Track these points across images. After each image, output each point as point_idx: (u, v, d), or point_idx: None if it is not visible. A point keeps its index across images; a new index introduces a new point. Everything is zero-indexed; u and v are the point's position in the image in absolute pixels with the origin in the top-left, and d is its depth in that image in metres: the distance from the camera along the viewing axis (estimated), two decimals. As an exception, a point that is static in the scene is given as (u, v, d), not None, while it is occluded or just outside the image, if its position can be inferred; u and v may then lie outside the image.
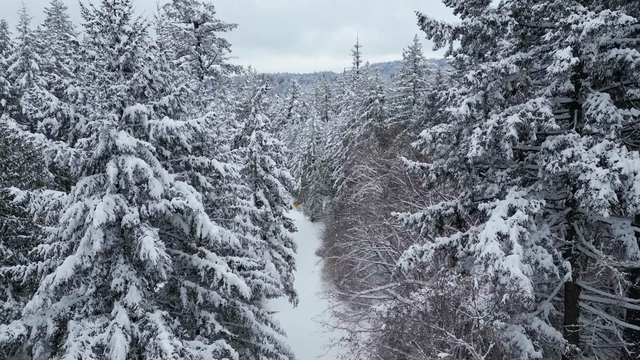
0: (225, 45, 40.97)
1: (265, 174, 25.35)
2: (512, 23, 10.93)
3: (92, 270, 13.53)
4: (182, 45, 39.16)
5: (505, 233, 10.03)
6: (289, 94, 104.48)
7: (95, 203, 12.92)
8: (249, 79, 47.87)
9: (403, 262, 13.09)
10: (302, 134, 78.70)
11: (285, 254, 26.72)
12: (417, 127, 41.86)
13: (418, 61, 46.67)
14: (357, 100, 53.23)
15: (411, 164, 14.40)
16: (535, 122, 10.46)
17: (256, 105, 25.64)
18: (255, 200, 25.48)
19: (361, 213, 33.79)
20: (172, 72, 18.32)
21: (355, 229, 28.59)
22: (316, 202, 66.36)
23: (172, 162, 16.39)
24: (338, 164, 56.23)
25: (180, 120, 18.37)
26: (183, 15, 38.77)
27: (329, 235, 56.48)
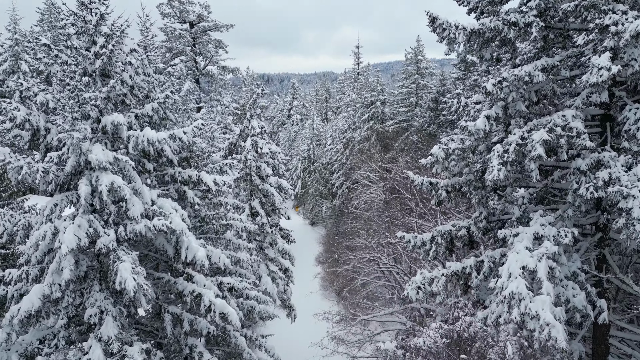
0: (221, 46, 39.55)
1: (261, 183, 23.91)
2: (537, 24, 9.47)
3: (63, 300, 12.09)
4: (176, 46, 37.74)
5: (532, 268, 8.59)
6: (288, 95, 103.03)
7: (66, 225, 11.49)
8: (247, 80, 46.42)
9: (410, 292, 11.65)
10: (302, 135, 77.22)
11: (283, 266, 25.27)
12: (420, 130, 40.41)
13: (420, 62, 45.20)
14: (358, 103, 51.78)
15: (418, 180, 12.95)
16: (566, 139, 9.00)
17: (251, 110, 24.20)
18: (251, 211, 24.05)
19: (363, 220, 32.37)
20: (157, 77, 16.87)
21: (357, 240, 27.17)
22: (316, 205, 64.89)
23: (156, 175, 14.96)
24: (338, 168, 54.80)
25: (168, 129, 16.99)
26: (178, 16, 37.35)
27: (329, 239, 55.06)
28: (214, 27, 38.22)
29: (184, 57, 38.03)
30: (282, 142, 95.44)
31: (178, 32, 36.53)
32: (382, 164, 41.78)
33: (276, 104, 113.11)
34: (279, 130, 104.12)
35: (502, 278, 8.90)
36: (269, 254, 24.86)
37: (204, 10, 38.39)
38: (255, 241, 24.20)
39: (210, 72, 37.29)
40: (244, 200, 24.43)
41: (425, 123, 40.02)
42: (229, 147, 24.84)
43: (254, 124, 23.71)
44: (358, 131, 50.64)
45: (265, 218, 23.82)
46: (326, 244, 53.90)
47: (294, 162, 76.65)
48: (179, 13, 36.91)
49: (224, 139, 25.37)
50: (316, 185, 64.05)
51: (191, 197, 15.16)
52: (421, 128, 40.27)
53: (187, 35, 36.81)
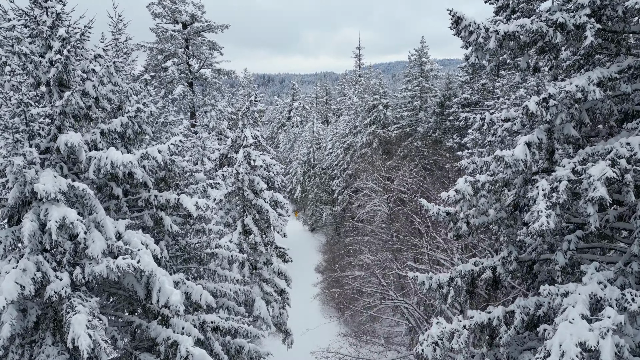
0: (216, 47, 37.45)
1: (254, 198, 21.82)
2: (591, 26, 7.37)
3: (7, 358, 10.03)
4: (168, 48, 35.64)
5: (593, 347, 6.48)
6: (288, 96, 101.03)
7: (8, 270, 9.43)
8: (244, 82, 44.44)
9: (426, 349, 9.57)
10: (302, 139, 75.14)
11: (278, 287, 23.18)
12: (425, 136, 38.30)
13: (425, 65, 43.09)
14: (360, 106, 49.68)
15: (433, 210, 10.84)
16: (632, 174, 6.90)
17: (244, 118, 22.11)
18: (243, 228, 21.97)
19: (365, 233, 30.27)
20: (133, 86, 14.78)
21: (360, 258, 25.07)
22: (316, 211, 62.82)
23: (127, 200, 12.89)
24: (339, 173, 52.71)
25: (149, 144, 14.94)
26: (170, 16, 35.24)
27: (329, 248, 53.02)
28: (207, 28, 36.11)
29: (177, 60, 35.95)
30: (281, 145, 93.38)
31: (170, 33, 34.42)
32: (385, 173, 39.70)
33: (276, 105, 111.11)
34: (279, 133, 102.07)
35: (551, 357, 6.80)
36: (264, 274, 22.78)
37: (198, 10, 36.30)
38: (248, 261, 22.13)
39: (204, 75, 35.19)
40: (235, 216, 22.35)
41: (430, 128, 37.90)
42: (220, 158, 22.76)
43: (247, 134, 21.61)
44: (359, 136, 48.54)
45: (259, 236, 21.72)
46: (327, 252, 51.85)
47: (293, 166, 74.58)
48: (171, 13, 34.81)
49: (215, 149, 23.30)
50: (316, 191, 61.97)
51: (169, 224, 13.09)
52: (426, 134, 38.16)
53: (179, 37, 34.71)
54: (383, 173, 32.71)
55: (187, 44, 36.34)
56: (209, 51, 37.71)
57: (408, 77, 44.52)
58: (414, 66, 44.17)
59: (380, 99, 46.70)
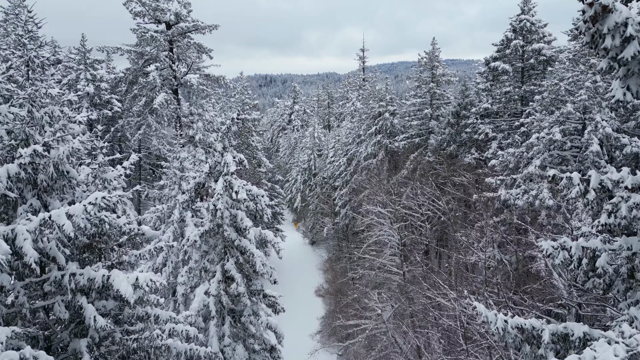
0: (204, 50, 33.20)
1: (237, 238, 17.54)
2: None
3: None
4: (149, 51, 31.42)
5: None
6: (290, 99, 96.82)
7: None
8: (238, 88, 40.17)
9: None
10: (302, 145, 70.90)
11: (267, 344, 18.90)
12: (438, 150, 33.94)
13: (436, 69, 38.75)
14: (364, 113, 45.34)
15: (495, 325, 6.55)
16: None
17: (224, 140, 17.84)
18: (224, 275, 17.70)
19: (372, 266, 26.02)
20: (51, 110, 10.50)
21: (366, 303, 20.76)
22: (316, 223, 58.58)
23: (27, 285, 8.66)
24: (341, 184, 48.41)
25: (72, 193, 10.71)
26: (151, 15, 30.99)
27: (331, 265, 48.65)
28: (194, 29, 31.85)
29: (159, 64, 31.69)
30: (282, 150, 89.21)
31: (150, 34, 30.17)
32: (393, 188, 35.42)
33: (276, 107, 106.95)
34: (279, 137, 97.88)
35: None
36: (249, 329, 18.50)
37: (183, 9, 32.07)
38: (231, 314, 17.90)
39: (189, 82, 30.92)
40: (214, 259, 18.08)
41: (444, 141, 33.53)
42: (196, 188, 18.46)
43: (228, 160, 17.32)
44: (363, 145, 44.21)
45: (243, 285, 17.43)
46: (328, 270, 47.52)
47: (293, 174, 70.37)
48: (152, 12, 30.55)
49: (190, 176, 19.05)
50: (317, 202, 57.73)
51: (91, 316, 8.82)
52: (439, 147, 33.79)
53: (160, 38, 30.44)
54: (391, 191, 28.38)
55: (171, 46, 32.11)
56: (197, 54, 33.48)
57: (418, 82, 40.15)
58: (424, 70, 39.80)
59: (386, 106, 42.36)
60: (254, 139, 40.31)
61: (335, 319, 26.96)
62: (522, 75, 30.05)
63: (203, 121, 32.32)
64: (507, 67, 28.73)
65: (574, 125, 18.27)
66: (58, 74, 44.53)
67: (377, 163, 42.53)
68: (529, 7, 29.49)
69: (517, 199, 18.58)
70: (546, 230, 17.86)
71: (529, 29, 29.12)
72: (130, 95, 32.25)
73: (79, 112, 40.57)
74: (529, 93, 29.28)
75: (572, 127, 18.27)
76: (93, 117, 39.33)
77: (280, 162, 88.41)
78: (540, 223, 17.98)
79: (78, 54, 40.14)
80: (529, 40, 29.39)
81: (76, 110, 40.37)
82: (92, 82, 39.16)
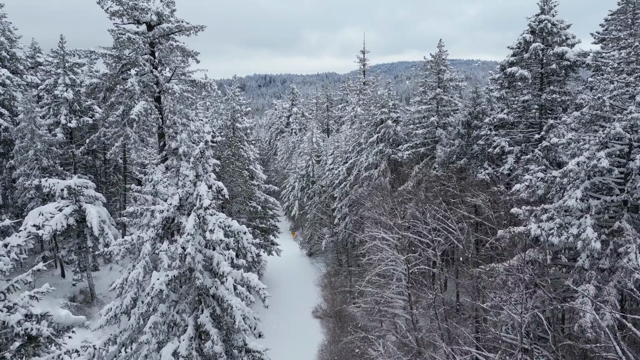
0: (190, 54, 29.93)
1: (213, 285, 14.38)
2: None
3: None
4: (127, 55, 28.13)
5: None
6: (288, 101, 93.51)
7: None
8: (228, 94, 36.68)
9: None
10: (300, 150, 67.63)
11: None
12: (446, 163, 30.68)
13: (443, 73, 35.51)
14: (365, 120, 42.07)
15: None
16: None
17: (197, 167, 14.64)
18: (197, 330, 14.50)
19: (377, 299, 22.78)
20: None
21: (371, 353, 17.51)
22: (314, 234, 55.32)
23: None
24: (340, 195, 45.17)
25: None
26: (129, 15, 27.72)
27: (330, 281, 45.25)
28: (177, 30, 28.60)
29: (140, 69, 28.43)
30: (280, 154, 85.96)
31: (128, 36, 26.89)
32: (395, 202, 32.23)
33: (275, 109, 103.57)
34: (277, 139, 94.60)
35: None
36: (230, 393, 15.32)
37: (166, 8, 28.82)
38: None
39: (171, 89, 27.66)
40: (185, 310, 14.86)
41: (453, 153, 30.27)
42: (164, 224, 15.24)
43: (201, 191, 14.09)
44: (364, 154, 40.97)
45: (220, 343, 14.22)
46: (326, 286, 44.18)
47: (290, 181, 67.08)
48: (130, 11, 27.28)
49: (157, 210, 15.80)
50: (315, 212, 54.45)
51: None
52: (448, 160, 30.53)
53: (139, 41, 27.16)
54: (396, 212, 25.15)
55: (152, 49, 28.84)
56: (182, 58, 30.21)
57: (423, 87, 36.88)
58: (430, 74, 36.52)
59: (389, 113, 39.10)
60: (247, 149, 37.04)
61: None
62: (541, 82, 26.80)
63: (188, 132, 29.01)
64: (526, 74, 25.48)
65: (619, 147, 15.05)
66: (37, 78, 41.24)
67: (379, 174, 39.33)
68: (550, 6, 26.23)
69: (551, 234, 15.36)
70: (588, 275, 14.64)
71: (549, 31, 25.87)
72: (107, 104, 28.97)
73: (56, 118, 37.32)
74: (550, 102, 26.04)
75: (617, 150, 15.04)
76: (72, 125, 36.14)
77: (277, 166, 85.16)
78: (580, 266, 14.76)
79: (56, 56, 36.91)
80: (549, 43, 26.14)
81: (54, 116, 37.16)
82: (71, 87, 35.92)
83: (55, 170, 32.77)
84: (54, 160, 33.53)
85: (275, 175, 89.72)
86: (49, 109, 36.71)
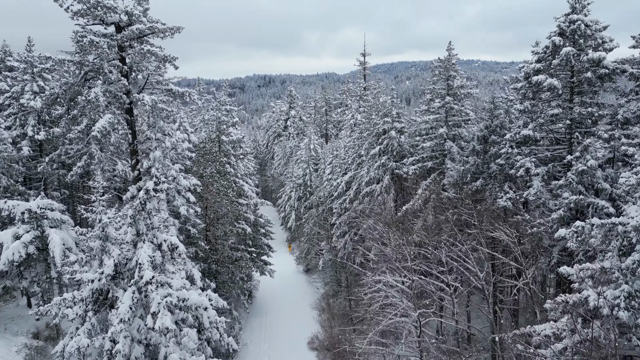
0: (168, 59, 25.86)
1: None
2: None
3: None
4: (91, 60, 24.10)
5: None
6: (286, 103, 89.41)
7: None
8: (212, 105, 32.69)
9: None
10: (297, 157, 63.66)
11: None
12: (459, 184, 26.65)
13: (454, 79, 31.50)
14: (366, 130, 38.01)
15: None
16: None
17: (137, 223, 10.63)
18: None
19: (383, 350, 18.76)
20: None
21: None
22: (312, 248, 51.33)
23: None
24: (340, 211, 41.13)
25: None
26: (91, 13, 23.68)
27: (328, 304, 41.18)
28: (150, 32, 24.55)
29: (107, 77, 24.37)
30: (277, 159, 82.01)
31: (90, 38, 22.85)
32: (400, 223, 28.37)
33: (272, 112, 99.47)
34: (275, 143, 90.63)
35: None
36: None
37: (138, 6, 24.80)
38: None
39: (142, 100, 23.61)
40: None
41: (467, 172, 26.22)
42: (95, 299, 11.22)
43: (142, 258, 10.06)
44: (365, 167, 36.97)
45: None
46: (324, 310, 40.17)
47: (286, 190, 63.10)
48: (92, 10, 23.23)
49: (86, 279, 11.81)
50: (312, 225, 50.48)
51: None
52: (461, 180, 26.47)
53: (103, 45, 23.11)
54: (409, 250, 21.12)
55: (122, 54, 24.80)
56: (158, 64, 26.18)
57: (430, 94, 32.84)
58: (438, 80, 32.49)
59: (392, 123, 35.07)
60: (234, 164, 32.98)
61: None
62: (571, 93, 22.78)
63: (163, 149, 25.04)
64: (556, 83, 21.45)
65: None
66: (6, 85, 37.10)
67: (382, 190, 35.31)
68: (583, 4, 22.19)
69: (618, 307, 11.36)
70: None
71: (583, 33, 21.83)
72: (69, 117, 24.96)
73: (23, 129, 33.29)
74: (583, 116, 22.03)
75: None
76: (40, 137, 32.13)
77: (274, 172, 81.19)
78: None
79: (23, 61, 32.91)
80: (582, 47, 22.11)
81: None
82: (40, 95, 31.92)
83: (16, 190, 28.73)
84: (15, 179, 29.50)
85: (271, 182, 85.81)
86: (15, 119, 32.73)
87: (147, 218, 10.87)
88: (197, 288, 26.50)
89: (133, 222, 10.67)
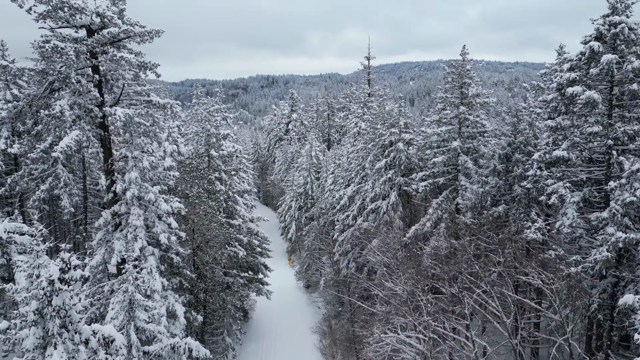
0: (148, 66, 22.65)
1: None
2: None
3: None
4: (56, 70, 20.91)
5: None
6: (287, 107, 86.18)
7: None
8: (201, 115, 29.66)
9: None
10: (298, 164, 60.43)
11: None
12: (477, 208, 23.34)
13: (468, 87, 28.24)
14: (370, 141, 34.69)
15: None
16: None
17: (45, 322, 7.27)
18: None
19: None
20: None
21: None
22: (313, 263, 48.11)
23: None
24: (342, 227, 37.90)
25: None
26: (54, 16, 20.50)
27: (329, 327, 38.09)
28: (125, 36, 21.37)
29: (75, 87, 21.19)
30: (277, 164, 78.87)
31: (53, 43, 19.67)
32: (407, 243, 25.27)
33: (274, 114, 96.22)
34: (276, 147, 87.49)
35: None
36: None
37: (112, 7, 21.60)
38: None
39: (116, 115, 20.41)
40: None
41: (486, 195, 22.91)
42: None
43: None
44: (370, 182, 33.72)
45: None
46: (326, 335, 36.87)
47: (287, 199, 59.89)
48: (56, 11, 20.04)
49: None
50: (313, 239, 47.26)
51: None
52: (480, 204, 23.15)
53: (70, 51, 19.92)
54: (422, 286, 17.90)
55: (94, 61, 21.60)
56: (137, 71, 22.97)
57: (442, 103, 29.55)
58: (451, 88, 29.19)
59: (400, 134, 31.81)
60: (226, 180, 29.75)
61: None
62: (610, 107, 19.45)
63: (140, 169, 21.83)
64: (596, 97, 18.14)
65: None
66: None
67: (388, 207, 32.06)
68: (626, 4, 18.86)
69: None
70: None
71: (626, 37, 18.51)
72: (33, 133, 21.82)
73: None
74: (627, 136, 18.71)
75: None
76: (14, 151, 28.93)
77: (275, 179, 78.02)
78: None
79: (-6, 67, 29.79)
80: (624, 55, 18.79)
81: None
82: (13, 103, 28.70)
83: (-19, 211, 25.58)
84: (-18, 199, 26.35)
85: (272, 188, 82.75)
86: (-13, 130, 29.62)
87: (66, 316, 7.65)
88: (180, 324, 23.38)
89: (35, 323, 7.49)
